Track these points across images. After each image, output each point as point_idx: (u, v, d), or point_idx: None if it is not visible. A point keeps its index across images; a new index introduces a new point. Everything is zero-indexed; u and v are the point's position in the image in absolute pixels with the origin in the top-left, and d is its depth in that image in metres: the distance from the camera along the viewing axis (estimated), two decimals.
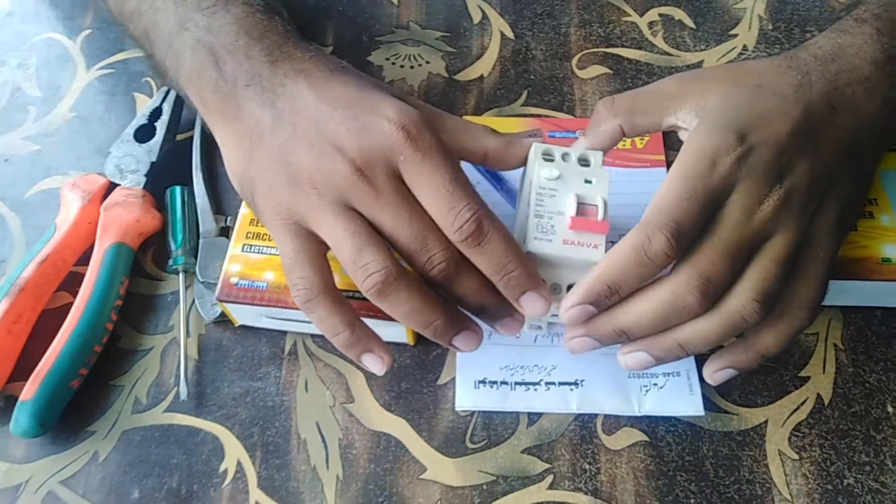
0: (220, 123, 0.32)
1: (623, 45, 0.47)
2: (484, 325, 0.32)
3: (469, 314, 0.31)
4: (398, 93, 0.32)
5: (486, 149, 0.31)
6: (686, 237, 0.27)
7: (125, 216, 0.37)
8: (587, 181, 0.30)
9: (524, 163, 0.32)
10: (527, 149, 0.31)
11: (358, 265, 0.28)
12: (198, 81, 0.32)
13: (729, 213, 0.28)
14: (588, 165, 0.31)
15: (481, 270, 0.29)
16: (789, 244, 0.28)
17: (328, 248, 0.30)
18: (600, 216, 0.29)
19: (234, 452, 0.34)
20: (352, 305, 0.30)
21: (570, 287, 0.30)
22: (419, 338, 0.37)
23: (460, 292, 0.29)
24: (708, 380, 0.32)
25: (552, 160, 0.31)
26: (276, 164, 0.30)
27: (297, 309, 0.33)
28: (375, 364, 0.30)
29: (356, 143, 0.28)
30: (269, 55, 0.31)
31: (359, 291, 0.29)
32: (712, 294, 0.28)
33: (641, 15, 0.48)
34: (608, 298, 0.28)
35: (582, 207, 0.29)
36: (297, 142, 0.29)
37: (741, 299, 0.28)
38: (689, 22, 0.48)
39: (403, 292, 0.28)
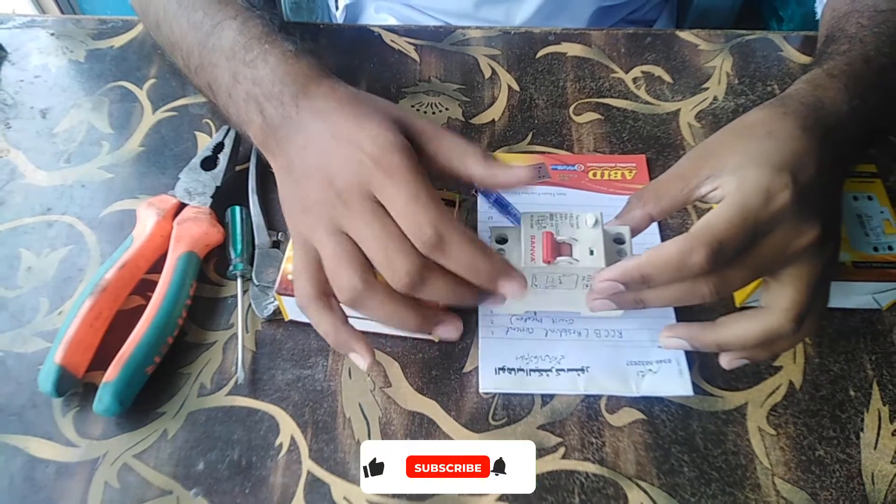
0: (270, 158, 0.38)
1: (612, 96, 0.55)
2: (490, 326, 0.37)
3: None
4: (399, 112, 0.35)
5: (472, 174, 0.35)
6: (725, 258, 0.31)
7: (195, 229, 0.43)
8: (590, 250, 0.34)
9: (511, 187, 0.35)
10: (513, 179, 0.34)
11: (334, 283, 0.33)
12: (250, 126, 0.38)
13: (771, 242, 0.32)
14: (623, 243, 0.35)
15: (455, 273, 0.32)
16: (813, 273, 0.33)
17: None
18: (557, 254, 0.34)
19: (288, 429, 0.39)
20: (342, 313, 0.35)
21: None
22: None
23: (433, 295, 0.33)
24: (724, 364, 0.37)
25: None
26: (293, 194, 0.35)
27: None
28: (358, 361, 0.35)
29: (341, 173, 0.33)
30: (295, 98, 0.36)
31: None
32: (723, 291, 0.33)
33: (627, 72, 0.57)
34: (639, 285, 0.33)
35: (563, 245, 0.35)
36: (306, 176, 0.34)
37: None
38: (667, 77, 0.56)
39: (374, 301, 0.33)
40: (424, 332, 0.34)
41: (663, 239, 0.46)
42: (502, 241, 0.36)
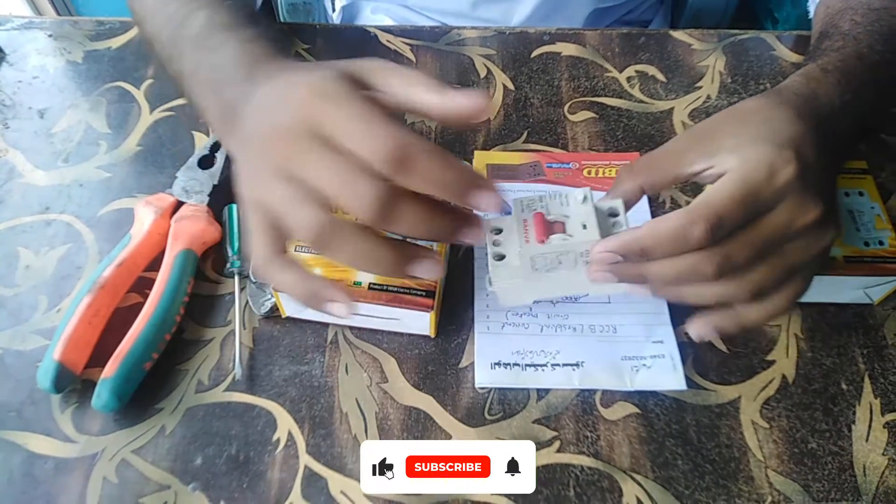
0: (227, 142, 0.37)
1: (606, 95, 0.56)
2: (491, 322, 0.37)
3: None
4: (344, 63, 0.32)
5: (424, 103, 0.30)
6: (723, 232, 0.31)
7: (192, 227, 0.44)
8: (583, 225, 0.33)
9: (467, 117, 0.30)
10: (468, 103, 0.29)
11: (294, 225, 0.29)
12: (208, 111, 0.38)
13: (773, 219, 0.32)
14: (617, 215, 0.34)
15: (425, 192, 0.28)
16: (815, 251, 0.33)
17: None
18: (550, 232, 0.33)
19: (286, 424, 0.39)
20: (301, 267, 0.31)
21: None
22: (440, 329, 0.43)
23: (403, 225, 0.29)
24: (692, 332, 0.35)
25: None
26: (245, 157, 0.33)
27: None
28: (337, 309, 0.31)
29: (282, 117, 0.30)
30: (248, 74, 0.35)
31: (384, 285, 0.36)
32: (727, 270, 0.32)
33: (621, 71, 0.57)
34: (637, 257, 0.32)
35: (556, 223, 0.34)
36: (253, 135, 0.32)
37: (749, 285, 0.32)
38: (660, 77, 0.57)
39: (342, 236, 0.29)
40: (401, 272, 0.30)
41: None
42: (498, 231, 0.36)
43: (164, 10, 0.43)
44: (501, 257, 0.34)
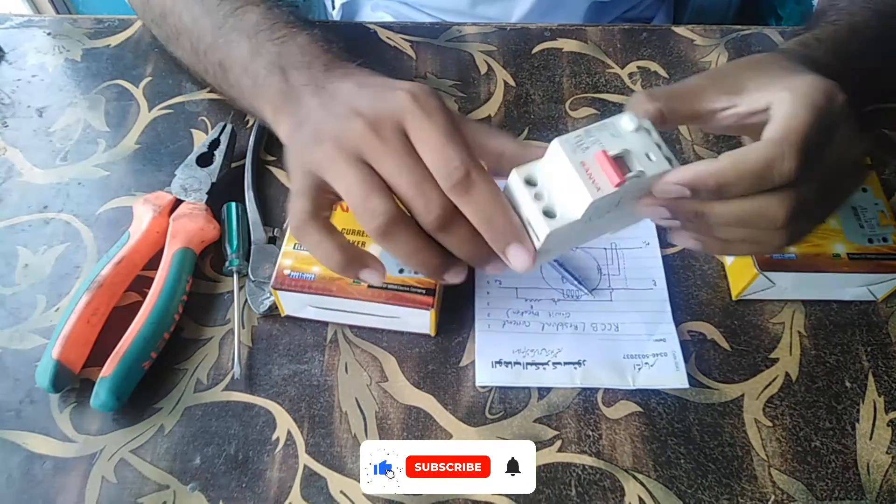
0: (283, 121, 0.37)
1: (608, 91, 0.55)
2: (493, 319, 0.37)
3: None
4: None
5: (504, 149, 0.33)
6: (812, 165, 0.29)
7: (191, 225, 0.43)
8: (647, 156, 0.30)
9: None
10: (540, 153, 0.31)
11: (365, 209, 0.31)
12: (268, 91, 0.38)
13: (835, 153, 0.30)
14: (650, 133, 0.30)
15: (470, 220, 0.31)
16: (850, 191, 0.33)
17: (334, 199, 0.34)
18: (624, 174, 0.29)
19: (285, 424, 0.39)
20: (342, 235, 0.33)
21: (548, 214, 0.30)
22: (440, 328, 0.42)
23: (452, 240, 0.31)
24: (674, 238, 0.34)
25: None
26: (307, 131, 0.34)
27: (338, 297, 0.39)
28: (372, 277, 0.33)
29: (371, 106, 0.32)
30: (325, 66, 0.37)
31: (384, 283, 0.36)
32: (797, 223, 0.30)
33: (622, 67, 0.57)
34: (710, 195, 0.29)
35: (619, 160, 0.30)
36: (329, 114, 0.34)
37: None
38: (662, 73, 0.56)
39: (404, 234, 0.31)
40: (439, 275, 0.33)
41: (659, 237, 0.46)
42: (532, 184, 0.31)
43: (201, 4, 0.44)
44: (549, 213, 0.30)
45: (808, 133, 0.29)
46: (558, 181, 0.30)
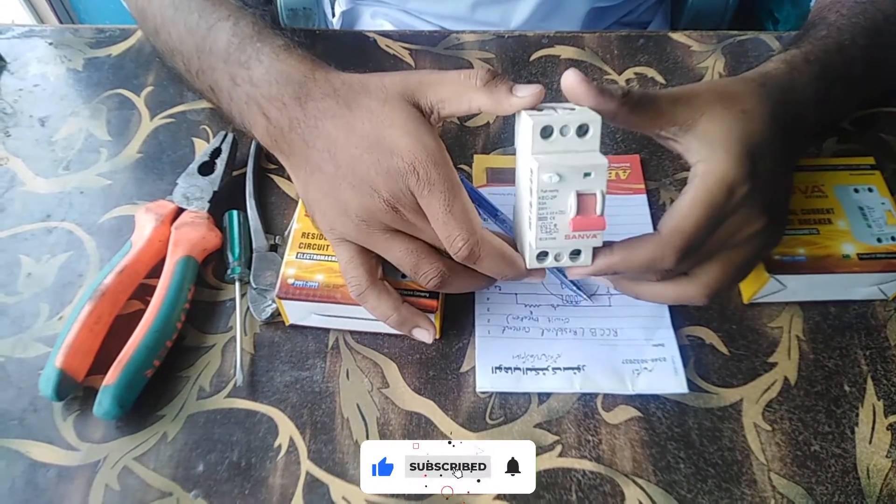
0: (281, 158, 0.40)
1: None
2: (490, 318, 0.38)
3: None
4: (398, 88, 0.35)
5: (479, 107, 0.35)
6: (692, 253, 0.34)
7: (193, 234, 0.44)
8: (586, 174, 0.32)
9: (520, 108, 0.33)
10: (516, 107, 0.34)
11: (419, 274, 0.36)
12: (256, 127, 0.39)
13: (725, 231, 0.35)
14: (587, 133, 0.32)
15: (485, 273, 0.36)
16: (746, 258, 0.36)
17: (376, 260, 0.38)
18: (598, 210, 0.33)
19: (287, 430, 0.39)
20: (397, 293, 0.37)
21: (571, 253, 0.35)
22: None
23: (482, 267, 0.36)
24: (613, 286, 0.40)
25: (550, 136, 0.32)
26: (327, 197, 0.36)
27: (343, 304, 0.39)
28: (423, 335, 0.39)
29: (385, 184, 0.34)
30: (298, 99, 0.37)
31: (403, 290, 0.39)
32: (676, 273, 0.36)
33: (620, 73, 0.57)
34: (612, 275, 0.37)
35: (583, 199, 0.32)
36: (342, 180, 0.35)
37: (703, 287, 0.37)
38: (659, 78, 0.57)
39: (455, 279, 0.37)
40: (490, 283, 0.39)
41: (654, 222, 0.47)
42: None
43: (186, 21, 0.43)
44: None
45: (693, 236, 0.33)
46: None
